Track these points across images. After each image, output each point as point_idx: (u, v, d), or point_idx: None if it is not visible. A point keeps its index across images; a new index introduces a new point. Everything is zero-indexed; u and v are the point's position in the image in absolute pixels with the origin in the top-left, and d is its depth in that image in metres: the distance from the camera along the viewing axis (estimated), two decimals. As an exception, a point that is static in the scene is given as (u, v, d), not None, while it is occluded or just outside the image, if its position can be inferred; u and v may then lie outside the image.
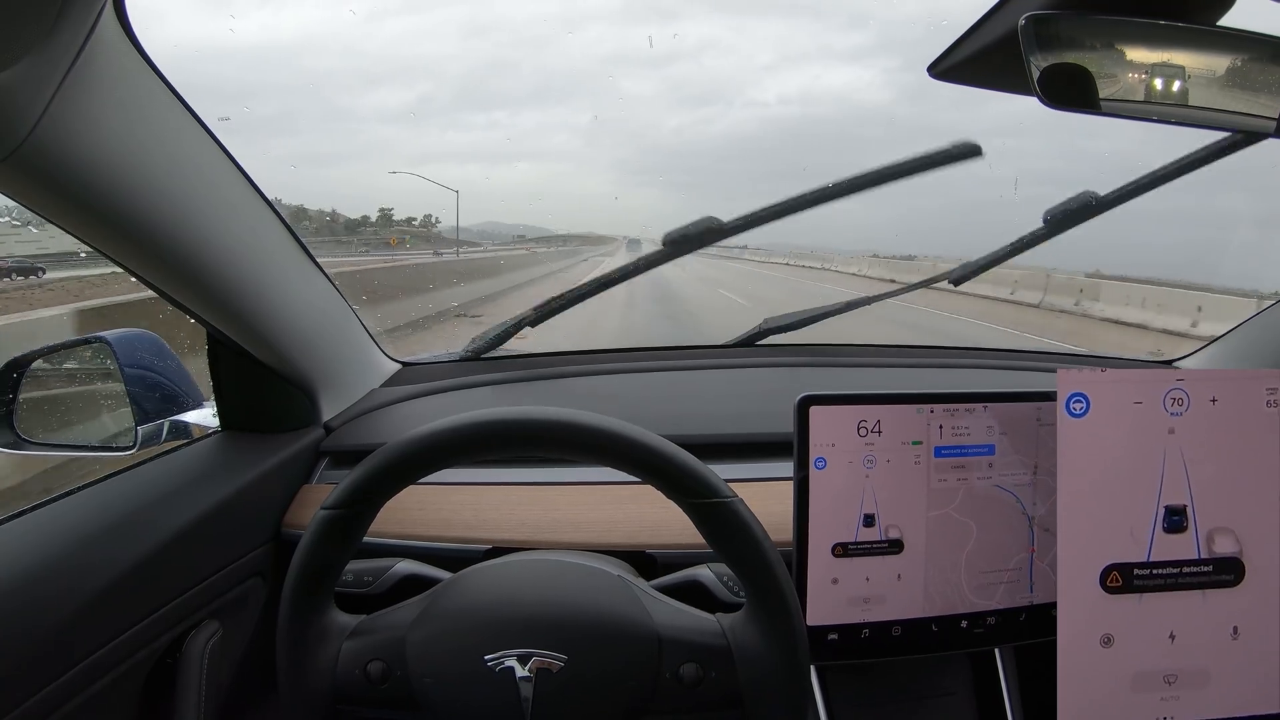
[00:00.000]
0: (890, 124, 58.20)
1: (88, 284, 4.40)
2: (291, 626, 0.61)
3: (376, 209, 18.28)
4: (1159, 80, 0.58)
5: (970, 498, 0.72)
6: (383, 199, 19.73)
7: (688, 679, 0.60)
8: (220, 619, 0.77)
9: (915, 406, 0.71)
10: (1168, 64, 0.58)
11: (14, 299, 4.58)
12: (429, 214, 16.27)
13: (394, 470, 0.60)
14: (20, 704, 0.57)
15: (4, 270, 5.33)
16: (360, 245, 13.93)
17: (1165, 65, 0.58)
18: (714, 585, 0.73)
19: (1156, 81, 0.58)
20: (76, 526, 0.66)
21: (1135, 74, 0.58)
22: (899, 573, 0.72)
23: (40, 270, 5.26)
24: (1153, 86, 0.58)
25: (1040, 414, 0.73)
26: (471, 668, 0.60)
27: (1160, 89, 0.58)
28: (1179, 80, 0.58)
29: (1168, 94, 0.58)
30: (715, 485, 0.59)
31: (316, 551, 0.60)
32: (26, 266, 5.32)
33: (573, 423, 0.59)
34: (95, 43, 0.50)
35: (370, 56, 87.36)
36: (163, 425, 0.85)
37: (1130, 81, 0.58)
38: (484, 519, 0.82)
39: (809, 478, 0.70)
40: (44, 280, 5.12)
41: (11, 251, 5.32)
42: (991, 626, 0.74)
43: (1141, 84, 0.58)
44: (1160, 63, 0.58)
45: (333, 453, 0.93)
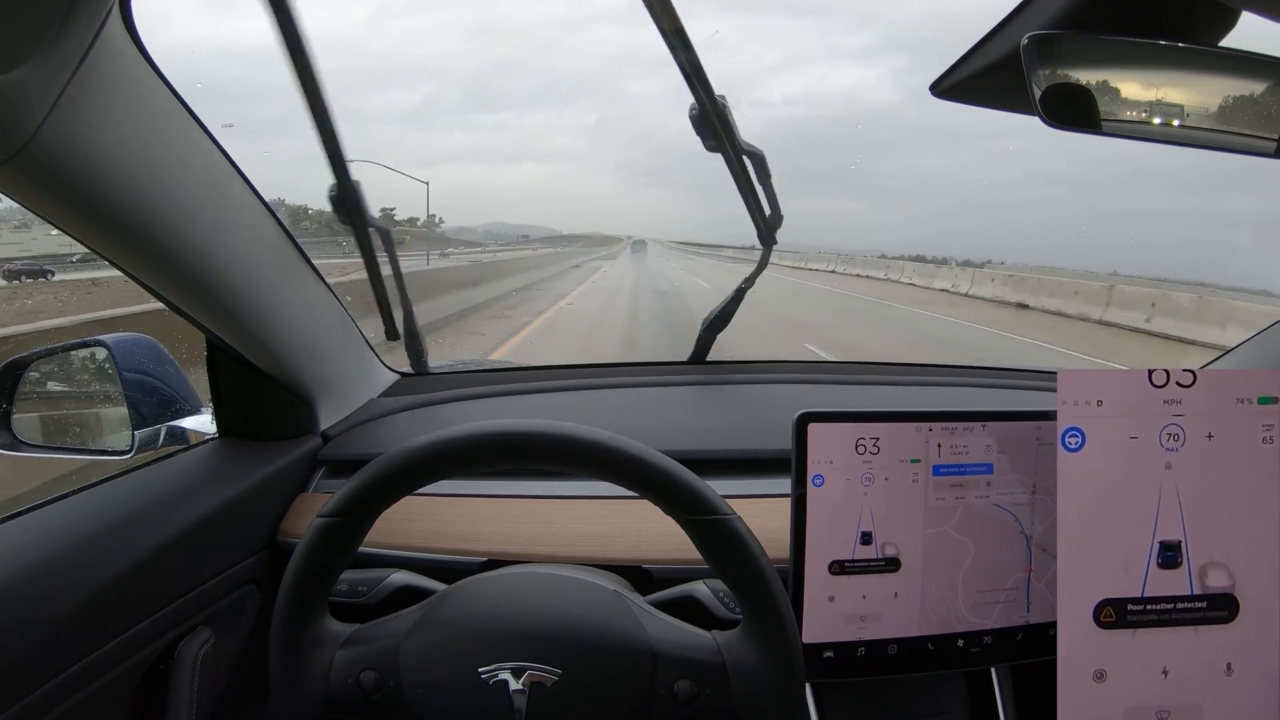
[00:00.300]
0: (898, 126, 58.45)
1: (102, 287, 4.38)
2: (285, 633, 0.61)
3: (379, 209, 17.87)
4: (1160, 101, 0.58)
5: (968, 516, 0.72)
6: (391, 199, 19.17)
7: (682, 695, 0.60)
8: (214, 626, 0.76)
9: (914, 425, 0.71)
10: (1169, 85, 0.58)
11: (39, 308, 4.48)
12: (434, 214, 15.80)
13: (392, 479, 0.60)
14: (11, 706, 0.56)
15: (14, 273, 5.34)
16: (353, 247, 14.08)
17: (1167, 86, 0.58)
18: (710, 601, 0.73)
19: (1158, 102, 0.58)
20: (71, 530, 0.66)
21: (1137, 94, 0.58)
22: (895, 591, 0.71)
23: (50, 272, 5.26)
24: (1154, 107, 0.58)
25: (1040, 433, 0.72)
26: (465, 680, 0.60)
27: (1161, 109, 0.58)
28: (1180, 101, 0.58)
29: (1169, 114, 0.58)
30: (714, 503, 0.59)
31: (312, 559, 0.60)
32: (35, 269, 5.33)
33: (573, 436, 0.59)
34: (101, 46, 0.50)
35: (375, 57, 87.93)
36: (160, 430, 0.85)
37: (1132, 102, 0.58)
38: (480, 531, 0.82)
39: (807, 495, 0.70)
40: (53, 282, 5.11)
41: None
42: (988, 646, 0.73)
43: (1143, 104, 0.58)
44: (1162, 83, 0.58)
45: (330, 462, 0.93)
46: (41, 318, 4.09)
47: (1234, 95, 0.57)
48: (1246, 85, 0.58)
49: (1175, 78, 0.58)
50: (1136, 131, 0.59)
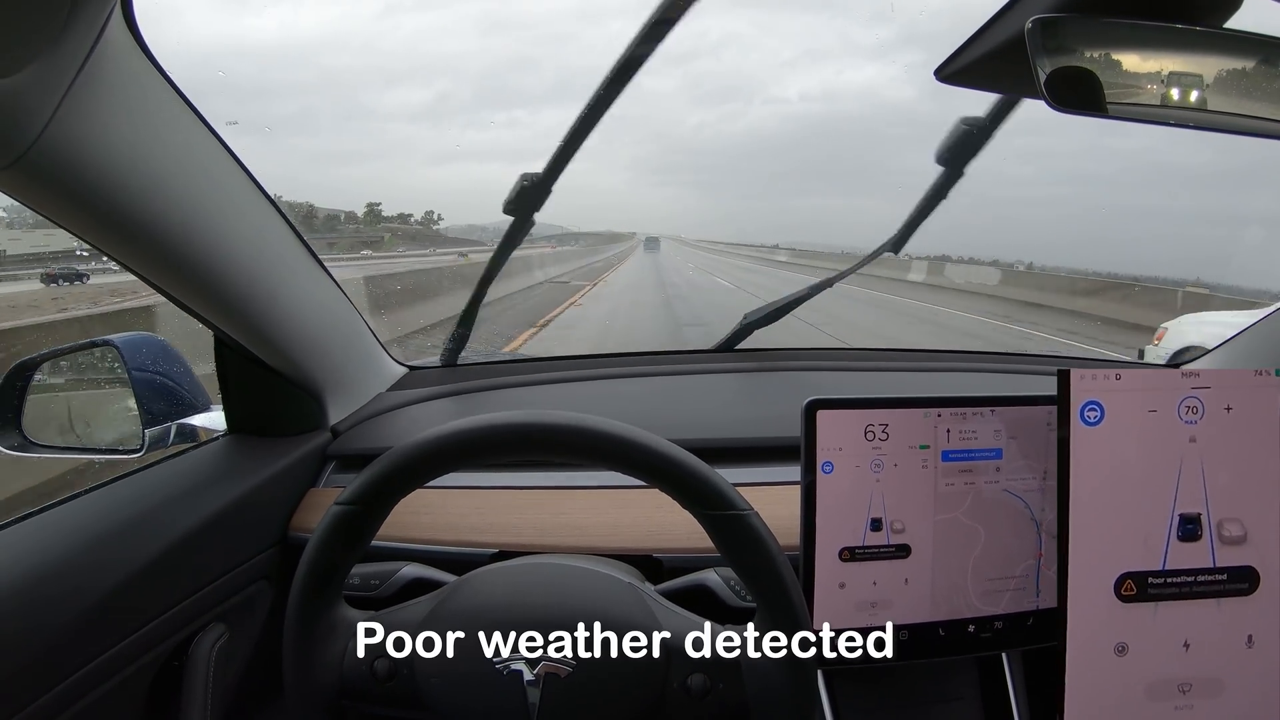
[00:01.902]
0: (914, 121, 57.98)
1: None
2: (299, 622, 0.61)
3: (367, 205, 16.77)
4: (1165, 83, 0.58)
5: (978, 502, 0.72)
6: (407, 198, 18.39)
7: (695, 690, 0.60)
8: (227, 622, 0.77)
9: (923, 410, 0.71)
10: (1174, 67, 0.58)
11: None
12: (430, 210, 15.15)
13: (409, 469, 0.60)
14: (28, 705, 0.57)
15: (51, 276, 5.31)
16: (325, 246, 11.51)
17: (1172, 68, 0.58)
18: (721, 590, 0.73)
19: (1163, 84, 0.58)
20: (84, 529, 0.66)
21: (1142, 77, 0.58)
22: (906, 577, 0.71)
23: (85, 276, 5.22)
24: (1159, 89, 0.58)
25: (1049, 418, 0.72)
26: (479, 670, 0.60)
27: (1166, 91, 0.58)
28: (1185, 83, 0.58)
29: (1173, 97, 0.58)
30: (731, 498, 0.59)
31: (327, 547, 0.60)
32: (72, 273, 5.28)
33: (590, 429, 0.59)
34: (103, 47, 0.50)
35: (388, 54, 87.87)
36: (170, 428, 0.86)
37: (1137, 84, 0.58)
38: (490, 523, 0.82)
39: (816, 482, 0.70)
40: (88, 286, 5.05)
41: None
42: (999, 631, 0.73)
43: (1148, 87, 0.58)
44: (1166, 65, 0.58)
45: (340, 456, 0.93)
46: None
47: (1239, 77, 0.57)
48: (1251, 67, 0.58)
49: (1180, 60, 0.58)
50: (1141, 114, 0.59)
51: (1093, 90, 0.58)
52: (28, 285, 5.42)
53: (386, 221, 14.10)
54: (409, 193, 31.31)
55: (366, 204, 15.57)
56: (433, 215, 14.33)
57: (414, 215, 14.47)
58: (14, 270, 5.84)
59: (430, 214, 14.33)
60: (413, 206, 15.95)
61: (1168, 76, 0.58)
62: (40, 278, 5.36)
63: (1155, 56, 0.58)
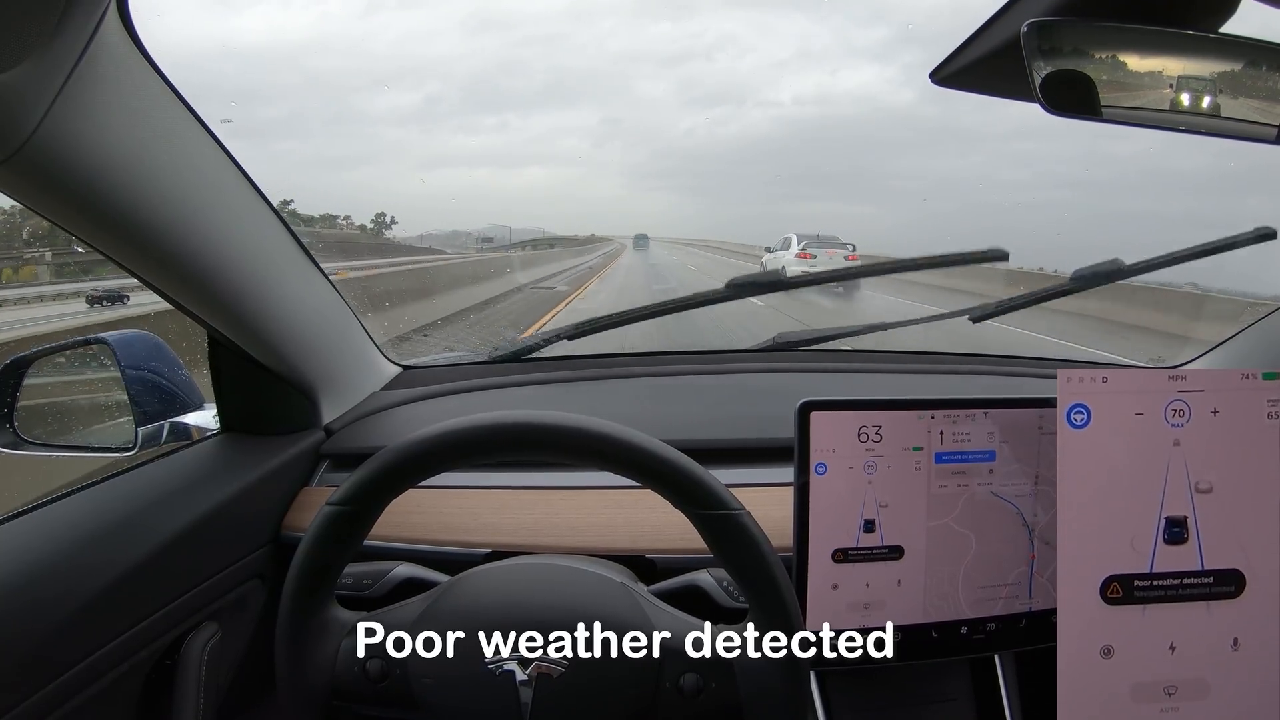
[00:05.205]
0: (910, 127, 57.50)
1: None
2: (291, 622, 0.61)
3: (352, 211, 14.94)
4: (1160, 86, 0.58)
5: (971, 506, 0.72)
6: (393, 204, 16.83)
7: (688, 689, 0.60)
8: (219, 621, 0.77)
9: (916, 412, 0.71)
10: (1169, 71, 0.58)
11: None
12: (381, 212, 12.11)
13: (401, 468, 0.60)
14: (19, 704, 0.57)
15: (95, 298, 5.27)
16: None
17: (1166, 72, 0.58)
18: (714, 590, 0.73)
19: (1157, 88, 0.58)
20: (76, 527, 0.66)
21: (1136, 80, 0.58)
22: (899, 578, 0.72)
23: (125, 297, 5.18)
24: (1153, 93, 0.58)
25: (1042, 421, 0.73)
26: (471, 670, 0.60)
27: (1161, 95, 0.58)
28: (1180, 87, 0.58)
29: (1168, 100, 0.58)
30: (724, 498, 0.59)
31: (319, 547, 0.60)
32: (114, 294, 5.24)
33: (582, 429, 0.59)
34: (98, 44, 0.50)
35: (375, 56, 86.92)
36: (163, 427, 0.85)
37: (1131, 88, 0.59)
38: (483, 522, 0.82)
39: (810, 483, 0.70)
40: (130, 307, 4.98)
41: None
42: (991, 633, 0.73)
43: (1142, 90, 0.58)
44: (1161, 69, 0.58)
45: (333, 455, 0.93)
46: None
47: (1233, 82, 0.58)
48: (1245, 72, 0.58)
49: (1174, 64, 0.58)
50: (1136, 118, 0.59)
51: (1087, 93, 0.58)
52: (73, 306, 5.42)
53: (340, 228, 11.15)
54: (400, 199, 31.19)
55: (321, 213, 12.63)
56: (385, 218, 11.78)
57: (341, 216, 11.66)
58: (58, 287, 5.82)
59: (381, 216, 11.86)
60: (400, 212, 14.89)
61: (1162, 80, 0.58)
62: (85, 299, 5.36)
63: (1150, 60, 0.58)
